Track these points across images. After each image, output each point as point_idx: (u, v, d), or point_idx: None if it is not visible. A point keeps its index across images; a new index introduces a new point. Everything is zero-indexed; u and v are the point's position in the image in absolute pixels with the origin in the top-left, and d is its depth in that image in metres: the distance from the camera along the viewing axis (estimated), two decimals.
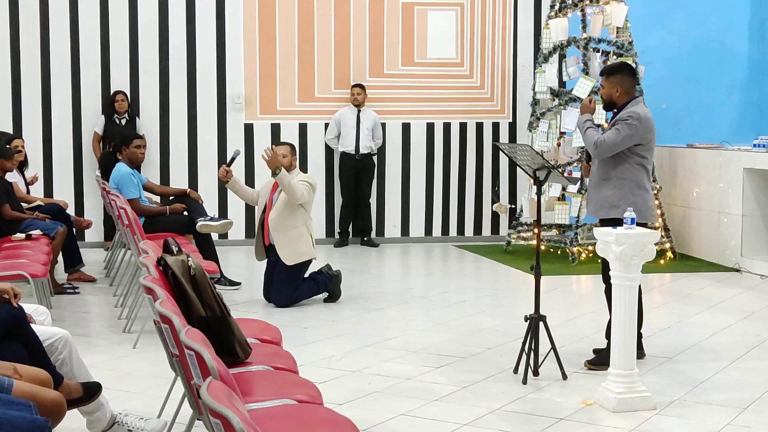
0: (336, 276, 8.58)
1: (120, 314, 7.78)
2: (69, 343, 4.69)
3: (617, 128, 6.13)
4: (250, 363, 4.53)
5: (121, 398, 5.51)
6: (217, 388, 2.90)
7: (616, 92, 6.28)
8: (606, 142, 6.13)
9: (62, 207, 9.43)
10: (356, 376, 6.16)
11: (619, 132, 6.12)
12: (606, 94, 6.31)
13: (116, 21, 11.50)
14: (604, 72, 6.37)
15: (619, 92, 6.27)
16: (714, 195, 10.57)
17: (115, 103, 11.24)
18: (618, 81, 6.27)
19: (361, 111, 11.79)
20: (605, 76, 6.32)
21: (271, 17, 11.82)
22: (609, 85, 6.28)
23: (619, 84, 6.27)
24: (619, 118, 6.19)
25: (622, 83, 6.28)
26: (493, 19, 12.24)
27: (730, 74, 12.56)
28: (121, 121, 11.26)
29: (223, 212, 11.74)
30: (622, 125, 6.13)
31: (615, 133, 6.12)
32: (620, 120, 6.16)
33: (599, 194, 6.33)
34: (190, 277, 4.65)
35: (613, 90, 6.28)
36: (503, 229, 12.28)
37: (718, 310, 8.30)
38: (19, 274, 6.70)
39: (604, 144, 6.13)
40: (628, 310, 5.50)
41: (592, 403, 5.59)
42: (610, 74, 6.31)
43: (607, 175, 6.28)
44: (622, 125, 6.12)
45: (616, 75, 6.29)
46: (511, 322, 7.59)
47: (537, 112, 11.18)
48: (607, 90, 6.29)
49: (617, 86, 6.27)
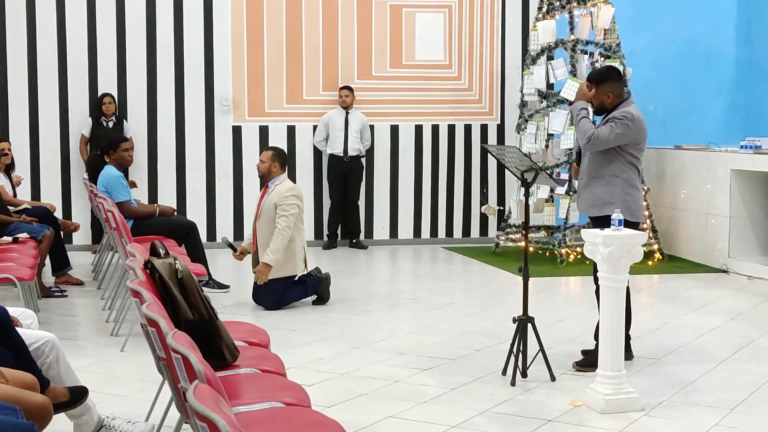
0: (325, 279, 8.57)
1: (108, 317, 7.76)
2: (56, 346, 4.67)
3: (611, 125, 6.14)
4: (237, 366, 4.53)
5: (109, 402, 5.49)
6: (203, 392, 2.89)
7: (607, 99, 6.28)
8: (600, 137, 6.12)
9: (49, 210, 9.40)
10: (344, 379, 6.15)
11: (612, 129, 6.12)
12: (597, 100, 6.30)
13: (104, 23, 11.47)
14: (593, 80, 6.33)
15: (611, 98, 6.28)
16: (701, 196, 10.59)
17: (103, 105, 11.21)
18: (608, 88, 6.27)
19: (350, 113, 11.78)
20: (594, 84, 6.30)
21: (258, 19, 11.80)
22: (599, 92, 6.27)
23: (610, 90, 6.28)
24: (613, 116, 6.19)
25: (612, 89, 6.29)
26: (481, 21, 12.26)
27: (717, 76, 12.61)
28: (108, 124, 11.23)
29: (212, 214, 11.74)
30: (616, 123, 6.13)
31: (608, 130, 6.13)
32: (614, 118, 6.16)
33: (591, 191, 6.32)
34: (177, 280, 4.64)
35: (604, 97, 6.28)
36: (492, 230, 12.29)
37: (706, 311, 8.32)
38: (6, 278, 6.69)
39: (596, 139, 6.12)
40: (616, 312, 5.50)
41: (581, 404, 5.59)
42: (600, 82, 6.28)
43: (598, 172, 6.28)
44: (617, 123, 6.13)
45: (606, 82, 6.28)
46: (499, 323, 7.59)
47: (525, 114, 11.20)
48: (597, 96, 6.29)
49: (608, 93, 6.28)
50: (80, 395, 4.54)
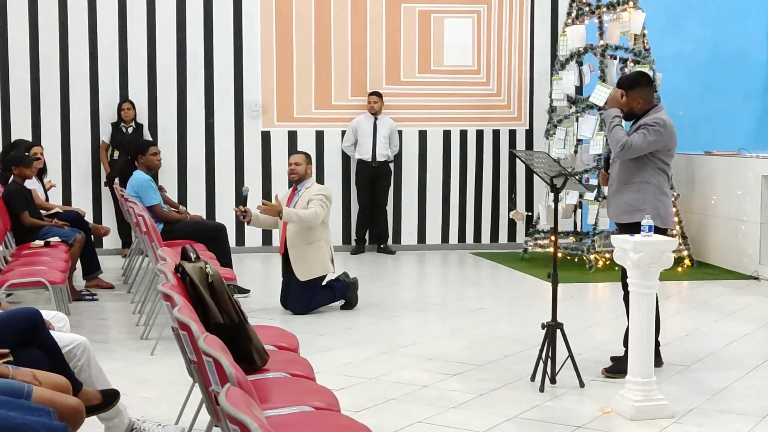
0: (353, 283, 8.58)
1: (138, 321, 7.81)
2: (87, 349, 4.71)
3: (644, 132, 6.11)
4: (267, 370, 4.54)
5: (139, 405, 5.53)
6: (235, 395, 2.91)
7: (637, 105, 6.26)
8: (633, 145, 6.10)
9: (80, 214, 9.49)
10: (373, 384, 6.16)
11: (645, 137, 6.10)
12: (626, 105, 6.27)
13: (134, 29, 11.55)
14: (623, 86, 6.32)
15: (641, 104, 6.26)
16: (732, 202, 10.53)
17: (122, 111, 11.28)
18: (639, 93, 6.25)
19: (378, 118, 11.80)
20: (625, 90, 6.29)
21: (287, 25, 11.85)
22: (630, 98, 6.25)
23: (640, 96, 6.26)
24: (644, 123, 6.17)
25: (642, 95, 6.26)
26: (510, 27, 12.24)
27: (747, 81, 12.52)
28: (127, 130, 11.29)
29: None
30: (648, 130, 6.11)
31: (641, 137, 6.10)
32: (646, 125, 6.14)
33: (622, 198, 6.29)
34: (207, 284, 4.67)
35: (634, 103, 6.26)
36: (520, 236, 12.25)
37: (736, 318, 8.26)
38: (38, 281, 6.76)
39: (630, 147, 6.10)
40: (646, 318, 5.48)
41: (610, 411, 5.57)
42: (630, 88, 6.26)
43: (629, 179, 6.25)
44: (649, 130, 6.11)
45: (636, 88, 6.26)
46: (527, 329, 7.57)
47: (554, 119, 11.17)
48: (627, 101, 6.26)
49: (638, 99, 6.25)
50: (112, 398, 4.58)
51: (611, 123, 6.21)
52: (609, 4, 10.85)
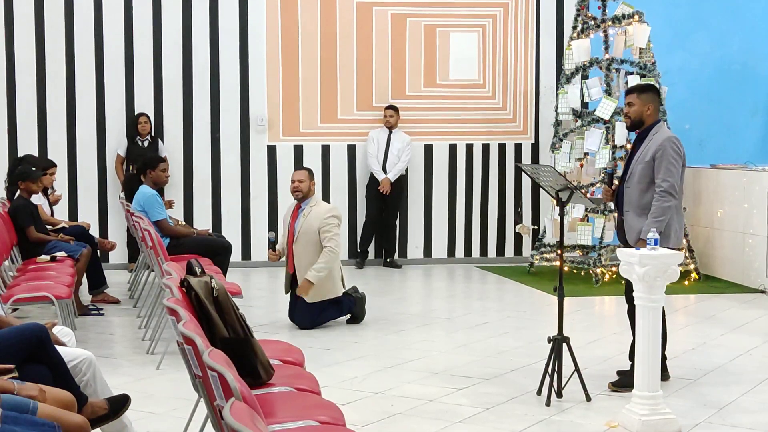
0: (361, 299, 8.56)
1: (144, 336, 7.81)
2: (93, 364, 4.72)
3: (669, 168, 6.07)
4: (272, 384, 4.54)
5: (145, 419, 5.52)
6: (240, 410, 2.91)
7: (647, 110, 6.25)
8: (673, 186, 6.07)
9: (86, 229, 9.50)
10: (379, 398, 6.15)
11: (672, 173, 6.06)
12: (636, 111, 6.26)
13: (140, 43, 11.60)
14: (636, 89, 6.32)
15: (650, 111, 6.25)
16: (738, 216, 10.51)
17: (138, 125, 11.32)
18: (649, 99, 6.26)
19: (393, 132, 11.79)
20: (637, 93, 6.27)
21: (293, 39, 11.88)
22: (641, 102, 6.24)
23: (651, 102, 6.26)
24: (658, 155, 6.10)
25: (653, 102, 6.27)
26: (515, 41, 12.26)
27: (753, 95, 12.52)
28: (143, 143, 11.33)
29: (247, 233, 11.79)
30: (667, 168, 6.07)
31: (670, 175, 6.06)
32: (661, 157, 6.08)
33: (641, 223, 6.17)
34: (213, 298, 4.67)
35: (644, 108, 6.25)
36: (526, 250, 12.23)
37: (743, 331, 8.24)
38: (43, 296, 6.77)
39: (673, 190, 6.07)
40: (652, 332, 5.47)
41: (617, 425, 5.56)
42: (642, 91, 6.28)
43: (647, 204, 6.17)
44: (668, 168, 6.07)
45: (647, 93, 6.27)
46: (534, 343, 7.55)
47: (559, 133, 11.18)
48: (638, 107, 6.25)
49: (648, 104, 6.25)
50: (120, 405, 4.57)
51: (651, 227, 5.83)
52: (614, 18, 10.86)
